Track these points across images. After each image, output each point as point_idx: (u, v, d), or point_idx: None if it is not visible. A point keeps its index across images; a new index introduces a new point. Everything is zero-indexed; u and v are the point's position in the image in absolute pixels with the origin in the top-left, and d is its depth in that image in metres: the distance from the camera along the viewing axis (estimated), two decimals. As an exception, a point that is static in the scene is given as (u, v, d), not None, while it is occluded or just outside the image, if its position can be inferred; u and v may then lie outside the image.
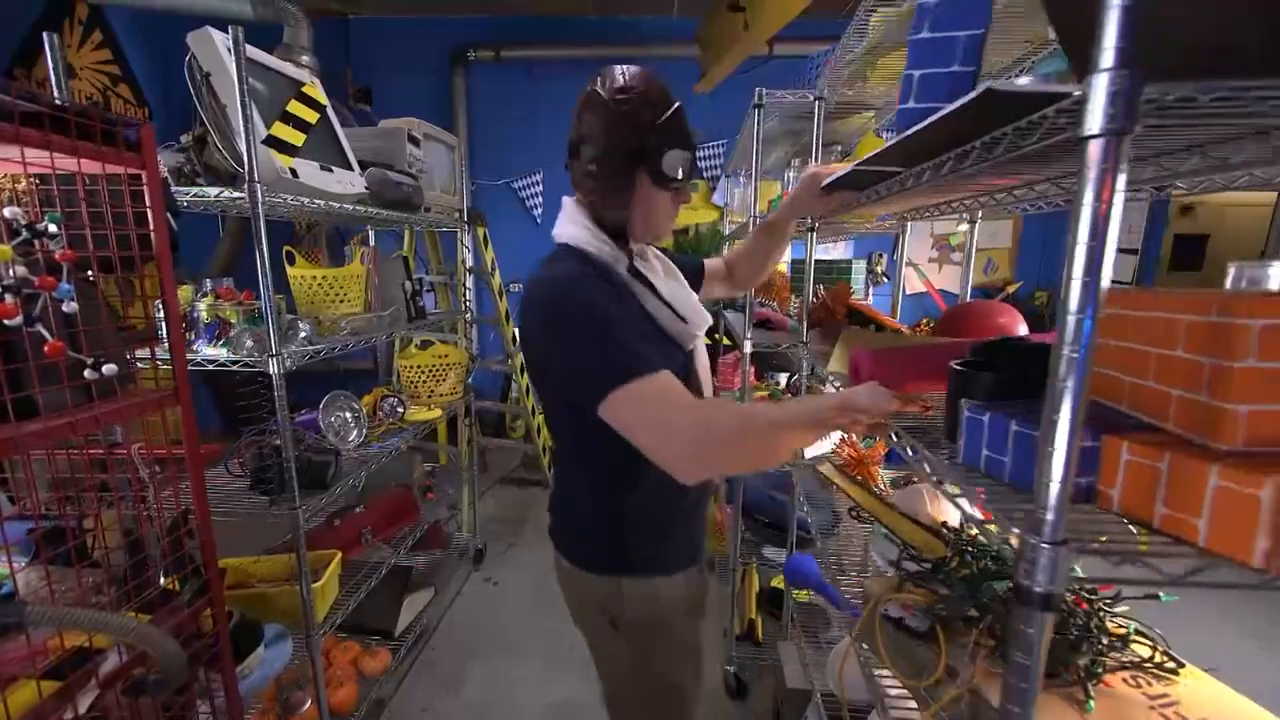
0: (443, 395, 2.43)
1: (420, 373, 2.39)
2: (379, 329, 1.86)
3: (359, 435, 1.86)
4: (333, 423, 1.80)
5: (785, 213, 1.23)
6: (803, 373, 1.81)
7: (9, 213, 0.82)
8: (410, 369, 2.40)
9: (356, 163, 1.77)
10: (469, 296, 2.93)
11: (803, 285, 1.68)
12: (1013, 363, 0.74)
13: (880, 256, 4.52)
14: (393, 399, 2.12)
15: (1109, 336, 0.64)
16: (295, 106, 1.51)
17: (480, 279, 3.61)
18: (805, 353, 1.63)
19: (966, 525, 1.02)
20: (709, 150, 4.32)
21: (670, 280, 1.02)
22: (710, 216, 4.16)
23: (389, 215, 1.95)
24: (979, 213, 1.34)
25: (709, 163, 4.33)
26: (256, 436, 1.56)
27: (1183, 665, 0.77)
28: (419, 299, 2.16)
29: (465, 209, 2.66)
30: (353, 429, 1.87)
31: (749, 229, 1.83)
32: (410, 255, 2.53)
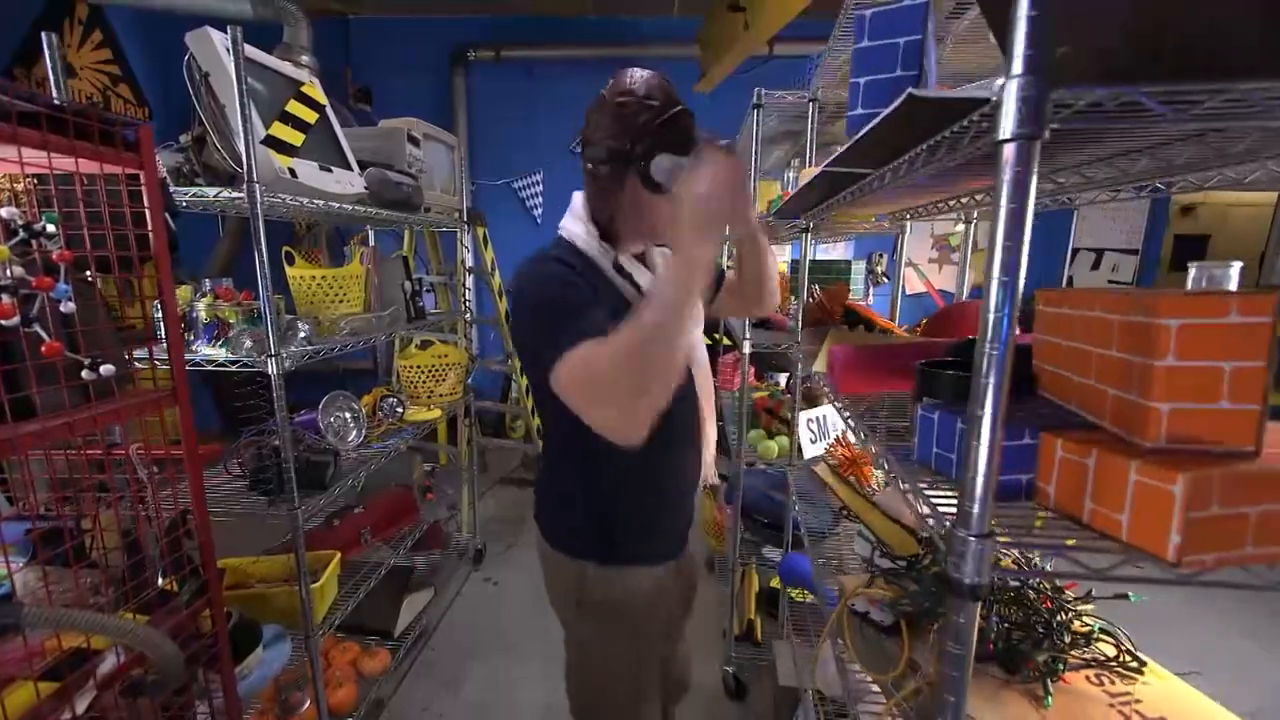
0: (442, 395, 2.43)
1: (420, 373, 2.39)
2: (378, 329, 1.86)
3: (358, 435, 1.86)
4: (332, 423, 1.80)
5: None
6: (798, 373, 1.81)
7: (6, 213, 0.82)
8: (410, 369, 2.40)
9: (356, 163, 1.77)
10: (469, 297, 2.92)
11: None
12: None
13: (881, 257, 4.51)
14: (392, 399, 2.12)
15: (1060, 336, 0.65)
16: (294, 106, 1.51)
17: (480, 279, 3.61)
18: (798, 352, 1.63)
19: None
20: (709, 150, 4.32)
21: None
22: (710, 216, 4.15)
23: (389, 215, 1.95)
24: (975, 212, 1.34)
25: (709, 163, 4.33)
26: (255, 437, 1.56)
27: (1145, 664, 0.78)
28: (419, 299, 2.16)
29: (465, 209, 2.66)
30: (352, 429, 1.86)
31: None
32: (410, 255, 2.53)
